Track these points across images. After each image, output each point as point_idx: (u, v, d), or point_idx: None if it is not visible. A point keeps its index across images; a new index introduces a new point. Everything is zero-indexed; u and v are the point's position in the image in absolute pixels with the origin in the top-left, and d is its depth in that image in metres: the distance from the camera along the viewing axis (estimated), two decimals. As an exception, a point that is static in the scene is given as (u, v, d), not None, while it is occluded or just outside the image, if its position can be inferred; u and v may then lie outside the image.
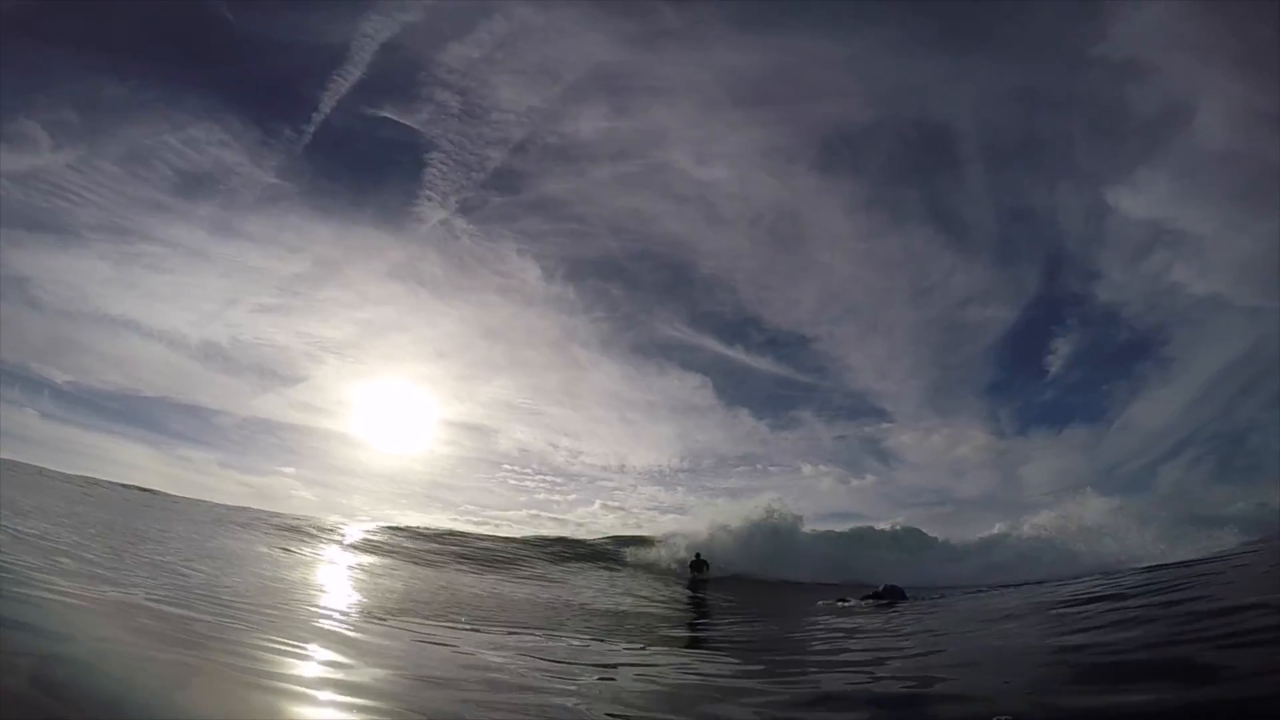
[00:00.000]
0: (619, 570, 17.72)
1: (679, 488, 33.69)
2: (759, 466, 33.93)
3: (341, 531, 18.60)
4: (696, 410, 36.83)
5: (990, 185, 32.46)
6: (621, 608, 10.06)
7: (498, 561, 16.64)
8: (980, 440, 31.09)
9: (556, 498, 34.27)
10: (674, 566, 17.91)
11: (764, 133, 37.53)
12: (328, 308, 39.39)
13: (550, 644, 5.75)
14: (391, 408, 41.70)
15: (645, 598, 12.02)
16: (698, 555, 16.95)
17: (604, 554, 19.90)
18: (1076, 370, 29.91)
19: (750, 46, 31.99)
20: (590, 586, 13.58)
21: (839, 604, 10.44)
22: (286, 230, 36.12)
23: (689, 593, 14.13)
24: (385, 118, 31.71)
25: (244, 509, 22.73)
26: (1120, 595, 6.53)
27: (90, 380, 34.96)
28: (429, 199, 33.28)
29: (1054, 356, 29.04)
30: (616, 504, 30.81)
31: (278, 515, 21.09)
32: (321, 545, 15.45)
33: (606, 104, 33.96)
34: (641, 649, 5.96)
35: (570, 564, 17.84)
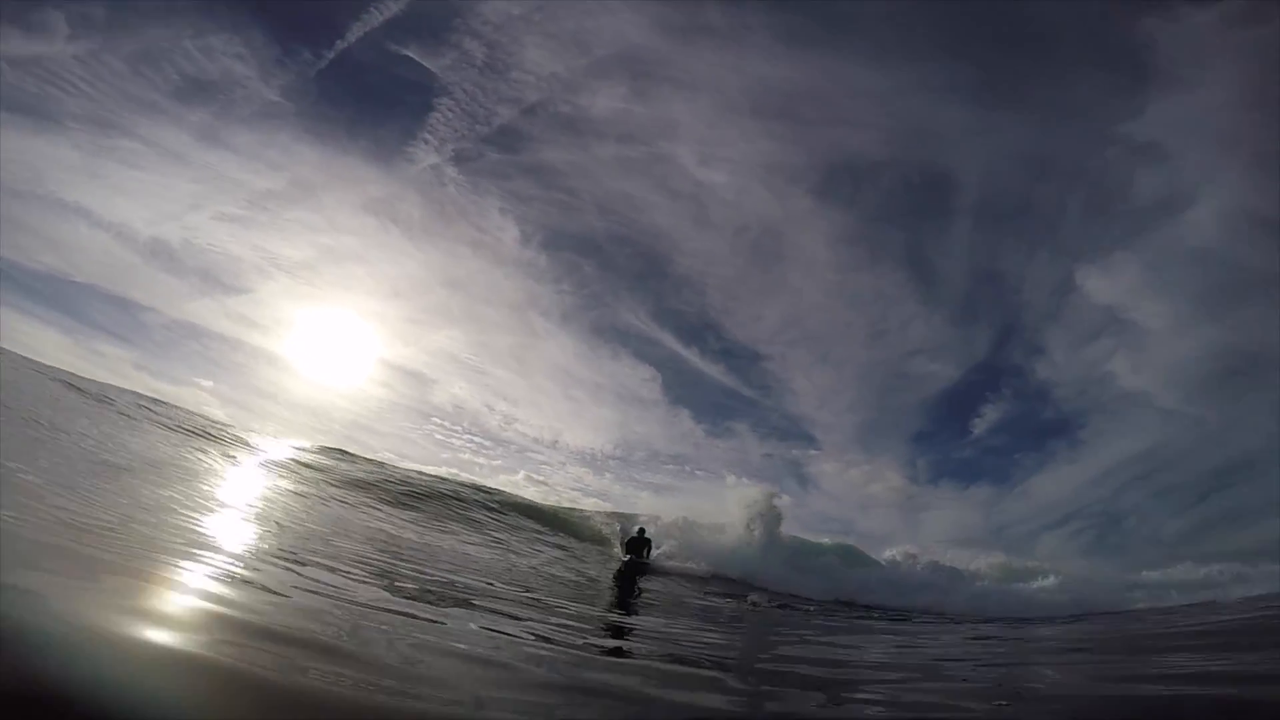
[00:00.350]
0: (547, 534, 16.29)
1: (607, 474, 33.70)
2: (687, 468, 34.67)
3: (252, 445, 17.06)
4: (641, 402, 37.07)
5: (972, 243, 33.25)
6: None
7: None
8: (895, 482, 32.75)
9: (481, 460, 33.49)
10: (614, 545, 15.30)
11: (773, 147, 36.90)
12: (292, 227, 37.51)
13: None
14: (332, 337, 39.72)
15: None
16: (640, 531, 13.82)
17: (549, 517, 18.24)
18: (997, 436, 32.42)
19: (786, 59, 31.18)
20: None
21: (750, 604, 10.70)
22: (273, 147, 34.50)
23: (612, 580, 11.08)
24: (407, 56, 30.31)
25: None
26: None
27: (21, 258, 33.02)
28: (425, 142, 32.07)
29: (980, 420, 31.37)
30: (541, 478, 30.07)
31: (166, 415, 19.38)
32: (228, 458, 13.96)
33: (627, 86, 32.82)
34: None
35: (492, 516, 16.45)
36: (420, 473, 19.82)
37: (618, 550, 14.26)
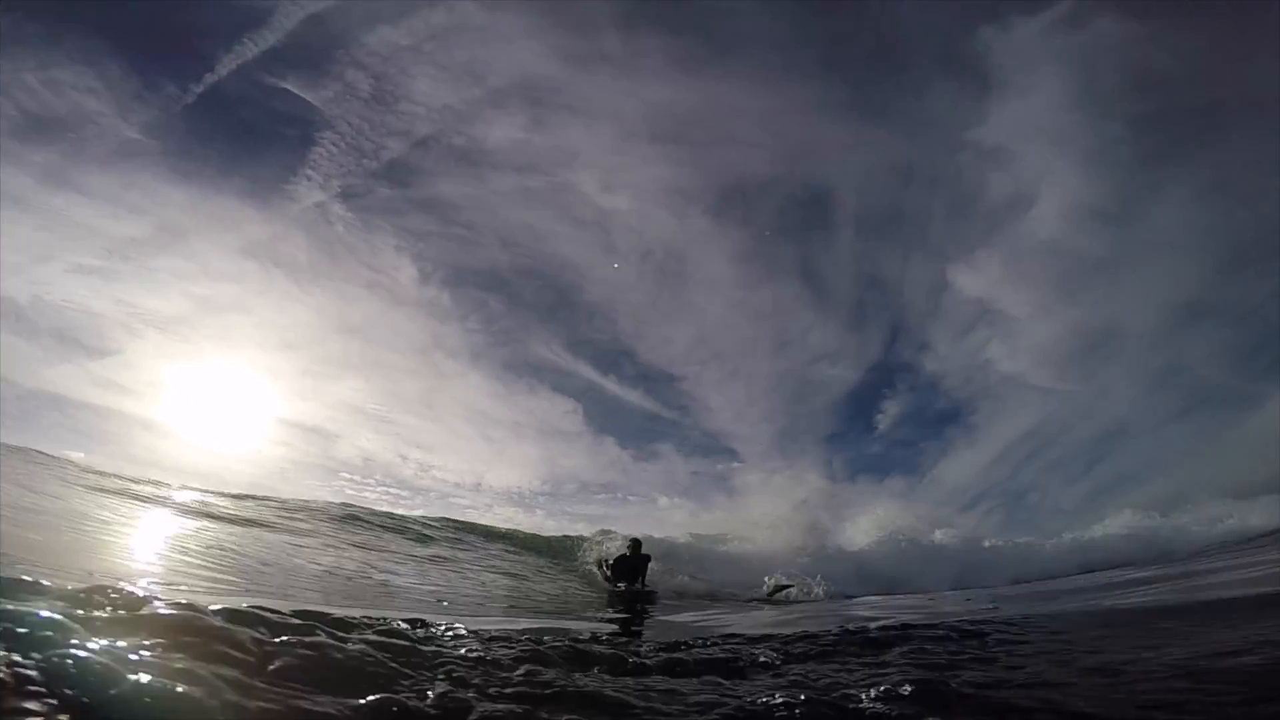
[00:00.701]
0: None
1: (538, 510, 33.20)
2: (619, 495, 35.12)
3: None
4: (564, 435, 36.99)
5: (856, 252, 37.11)
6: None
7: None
8: (816, 483, 35.32)
9: (400, 510, 31.84)
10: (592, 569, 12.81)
11: (671, 171, 38.60)
12: (160, 278, 33.33)
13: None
14: (218, 397, 35.98)
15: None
16: (635, 545, 10.94)
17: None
18: (900, 429, 36.19)
19: (680, 84, 32.97)
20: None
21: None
22: (134, 189, 30.44)
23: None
24: (285, 89, 28.13)
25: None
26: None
27: None
28: (309, 179, 29.93)
29: (883, 415, 34.96)
30: (469, 522, 29.34)
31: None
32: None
33: (525, 115, 32.76)
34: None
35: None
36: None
37: (600, 573, 11.77)
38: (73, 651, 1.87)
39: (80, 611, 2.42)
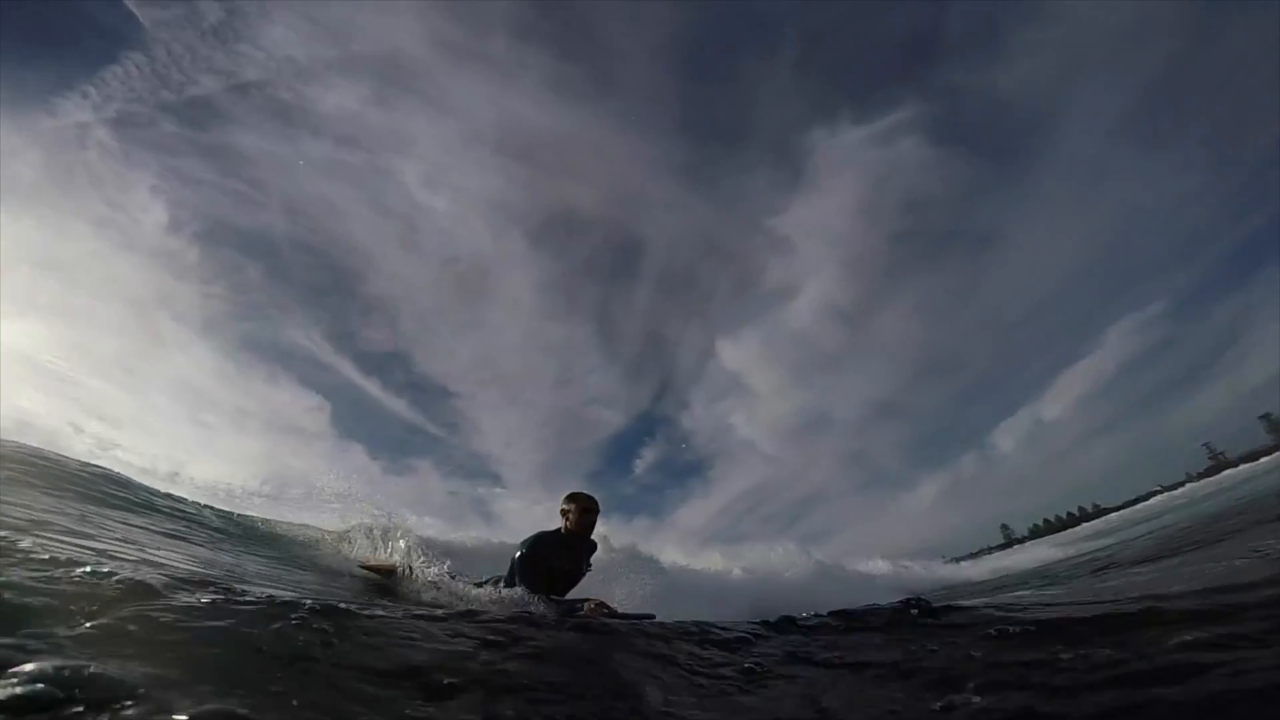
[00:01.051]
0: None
1: (250, 513, 29.06)
2: (358, 508, 33.06)
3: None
4: (302, 433, 34.05)
5: (650, 307, 40.16)
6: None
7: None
8: None
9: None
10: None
11: (504, 185, 39.43)
12: None
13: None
14: None
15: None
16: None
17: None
18: (653, 475, 39.41)
19: (548, 106, 33.93)
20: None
21: None
22: None
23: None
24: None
25: None
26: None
27: None
28: (85, 95, 25.79)
29: (641, 461, 38.01)
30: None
31: None
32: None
33: (372, 89, 31.68)
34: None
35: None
36: None
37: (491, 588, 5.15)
38: None
39: None
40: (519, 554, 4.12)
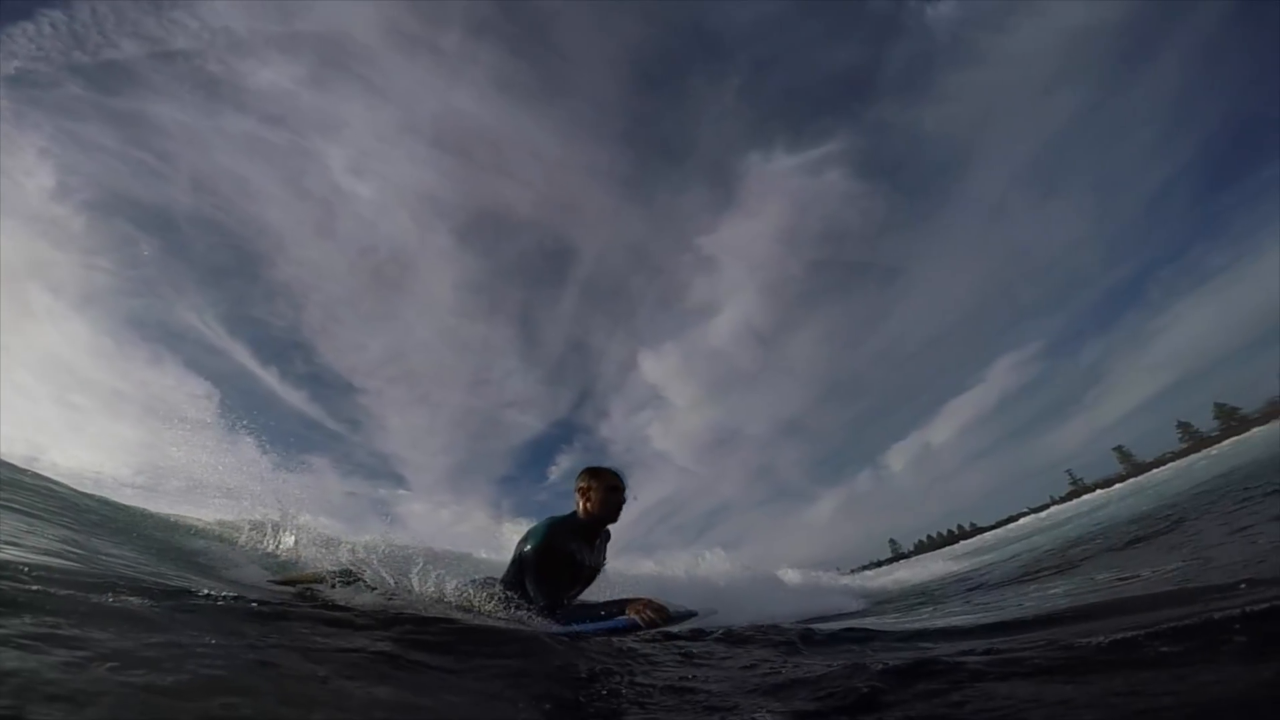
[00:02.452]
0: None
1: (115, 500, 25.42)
2: (244, 503, 31.43)
3: None
4: (184, 421, 31.25)
5: (575, 314, 41.58)
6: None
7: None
8: (481, 521, 37.39)
9: None
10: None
11: (436, 179, 38.84)
12: None
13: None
14: None
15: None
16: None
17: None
18: (568, 482, 42.09)
19: (492, 102, 33.51)
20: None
21: None
22: None
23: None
24: None
25: None
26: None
27: None
28: None
29: (556, 467, 39.62)
30: None
31: None
32: None
33: (309, 69, 30.10)
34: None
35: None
36: None
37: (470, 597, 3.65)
38: None
39: None
40: (528, 548, 3.22)
